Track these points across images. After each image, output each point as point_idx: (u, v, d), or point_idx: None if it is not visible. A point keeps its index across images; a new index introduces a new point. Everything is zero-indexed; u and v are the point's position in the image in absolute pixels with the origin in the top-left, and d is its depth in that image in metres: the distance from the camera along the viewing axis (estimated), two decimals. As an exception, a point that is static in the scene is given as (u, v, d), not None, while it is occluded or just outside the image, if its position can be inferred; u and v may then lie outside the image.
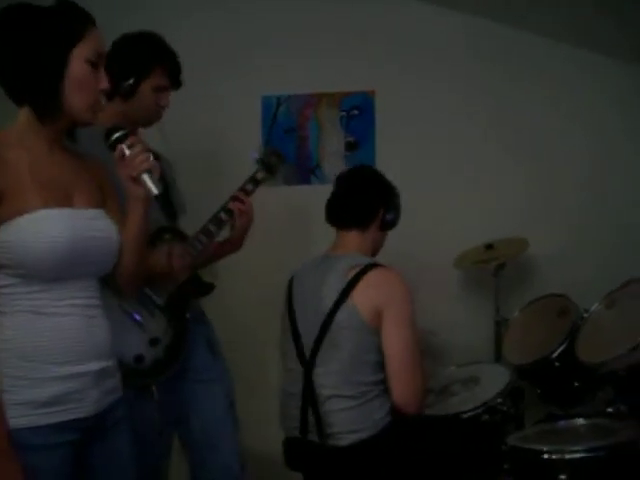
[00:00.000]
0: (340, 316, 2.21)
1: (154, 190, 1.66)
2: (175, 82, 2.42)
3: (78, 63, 1.60)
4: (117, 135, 1.68)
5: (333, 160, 3.53)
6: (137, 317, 2.23)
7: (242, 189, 2.51)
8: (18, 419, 1.51)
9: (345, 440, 2.17)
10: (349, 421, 2.18)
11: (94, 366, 1.64)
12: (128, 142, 1.67)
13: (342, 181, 2.50)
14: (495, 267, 3.13)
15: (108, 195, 1.78)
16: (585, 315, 2.69)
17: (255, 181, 2.55)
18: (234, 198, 2.48)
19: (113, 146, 1.68)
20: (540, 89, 3.40)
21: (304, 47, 3.51)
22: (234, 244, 2.55)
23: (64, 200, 1.62)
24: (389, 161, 3.42)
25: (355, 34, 3.49)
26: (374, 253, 2.44)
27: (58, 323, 1.59)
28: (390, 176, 2.55)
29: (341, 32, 3.49)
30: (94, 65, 1.63)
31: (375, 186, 2.46)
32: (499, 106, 3.42)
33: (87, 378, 1.62)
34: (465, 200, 3.42)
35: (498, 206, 3.39)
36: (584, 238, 3.32)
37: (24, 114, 1.63)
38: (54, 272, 1.57)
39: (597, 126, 3.36)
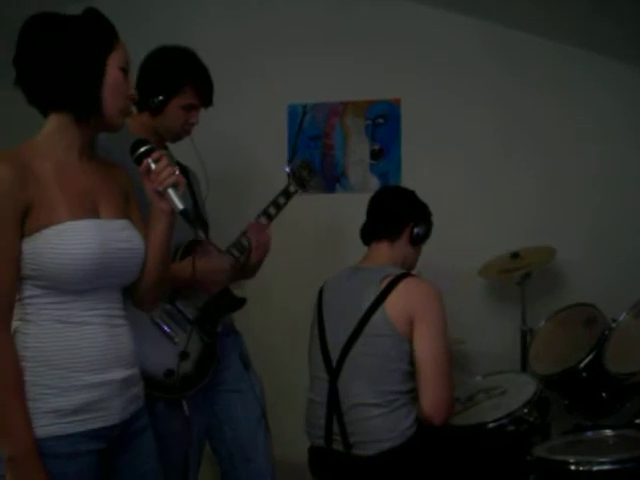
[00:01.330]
0: (372, 324, 2.21)
1: (179, 205, 1.66)
2: (206, 101, 2.39)
3: (114, 69, 1.64)
4: (143, 149, 1.69)
5: (358, 168, 3.53)
6: (168, 330, 2.22)
7: (264, 213, 2.50)
8: (46, 427, 1.52)
9: (370, 449, 2.16)
10: (375, 430, 2.17)
11: (119, 374, 1.64)
12: (154, 156, 1.68)
13: (374, 198, 2.52)
14: (521, 276, 3.11)
15: (132, 205, 1.79)
16: (613, 325, 2.66)
17: (287, 194, 2.56)
18: (253, 226, 2.46)
19: (139, 160, 1.69)
20: (567, 98, 3.38)
21: (330, 55, 3.53)
22: (248, 272, 2.52)
23: (91, 210, 1.63)
24: (414, 169, 3.43)
25: (380, 43, 3.50)
26: (407, 268, 2.42)
27: (84, 332, 1.59)
28: (415, 184, 2.55)
29: (366, 41, 3.51)
30: (125, 72, 1.67)
31: (406, 200, 2.47)
32: (526, 114, 3.41)
33: (112, 386, 1.62)
34: (491, 208, 3.41)
35: (524, 214, 3.38)
36: (612, 247, 3.29)
37: (53, 123, 1.64)
38: (80, 284, 1.58)
39: (616, 134, 3.34)
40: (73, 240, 1.55)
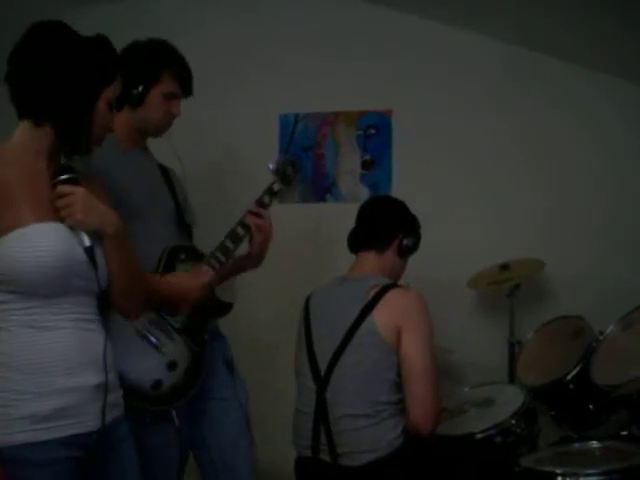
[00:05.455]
0: (359, 335, 2.21)
1: (85, 242, 1.62)
2: (186, 89, 2.36)
3: (102, 103, 1.68)
4: (63, 177, 1.64)
5: (349, 178, 3.55)
6: (154, 340, 2.18)
7: (259, 202, 2.45)
8: (18, 434, 1.49)
9: (358, 460, 2.16)
10: (362, 440, 2.17)
11: (93, 380, 1.61)
12: (62, 190, 1.63)
13: (364, 207, 2.52)
14: (510, 288, 3.13)
15: None
16: (600, 337, 2.67)
17: (271, 192, 2.48)
18: (251, 212, 2.41)
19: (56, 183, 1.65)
20: (563, 111, 3.41)
21: (322, 65, 3.55)
22: (253, 260, 2.48)
23: (56, 215, 1.61)
24: (405, 180, 3.45)
25: (373, 54, 3.52)
26: (394, 279, 2.43)
27: (55, 336, 1.57)
28: (406, 195, 2.56)
29: (359, 51, 3.53)
30: (110, 106, 1.71)
31: (397, 211, 2.48)
32: (518, 126, 3.43)
33: (87, 391, 1.60)
34: (481, 220, 3.42)
35: (514, 226, 3.39)
36: (600, 260, 3.31)
37: (21, 131, 1.64)
38: (46, 287, 1.56)
39: (620, 152, 3.37)
40: (36, 242, 1.53)
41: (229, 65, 3.54)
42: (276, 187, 2.49)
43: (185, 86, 2.36)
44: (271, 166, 2.52)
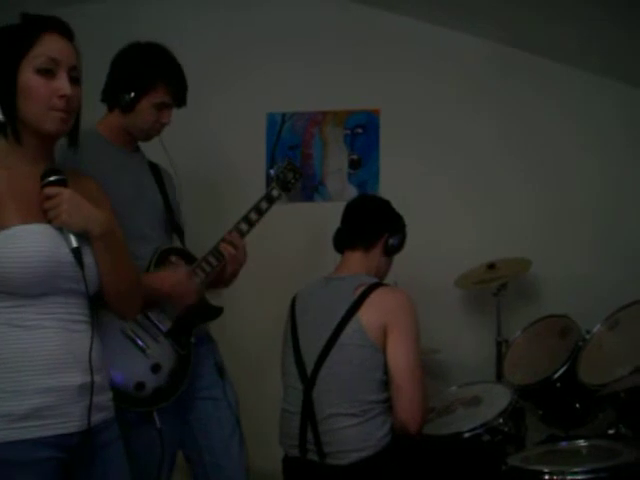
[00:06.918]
0: (346, 334, 2.21)
1: (72, 243, 1.61)
2: (179, 100, 2.31)
3: (26, 75, 1.58)
4: (52, 179, 1.62)
5: (337, 178, 3.54)
6: (139, 343, 2.17)
7: (236, 228, 2.43)
8: None
9: (346, 459, 2.16)
10: (350, 440, 2.16)
11: (76, 379, 1.59)
12: (49, 191, 1.61)
13: (350, 206, 2.51)
14: (497, 287, 3.13)
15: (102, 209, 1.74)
16: (587, 336, 2.69)
17: (270, 199, 2.48)
18: (226, 241, 2.38)
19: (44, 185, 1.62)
20: (556, 112, 3.42)
21: (310, 65, 3.55)
22: (222, 284, 2.48)
23: (43, 217, 1.59)
24: (393, 179, 3.45)
25: (360, 53, 3.52)
26: (380, 278, 2.43)
27: (37, 335, 1.55)
28: (394, 194, 2.56)
29: (347, 51, 3.53)
30: (48, 72, 1.60)
31: (382, 211, 2.47)
32: (506, 126, 3.45)
33: (69, 391, 1.57)
34: (468, 219, 3.43)
35: (501, 225, 3.40)
36: (587, 259, 3.33)
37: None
38: (31, 288, 1.54)
39: (613, 153, 3.38)
40: (22, 245, 1.52)
41: (217, 64, 3.52)
42: (275, 193, 2.50)
43: (178, 97, 2.31)
44: (272, 172, 2.52)
